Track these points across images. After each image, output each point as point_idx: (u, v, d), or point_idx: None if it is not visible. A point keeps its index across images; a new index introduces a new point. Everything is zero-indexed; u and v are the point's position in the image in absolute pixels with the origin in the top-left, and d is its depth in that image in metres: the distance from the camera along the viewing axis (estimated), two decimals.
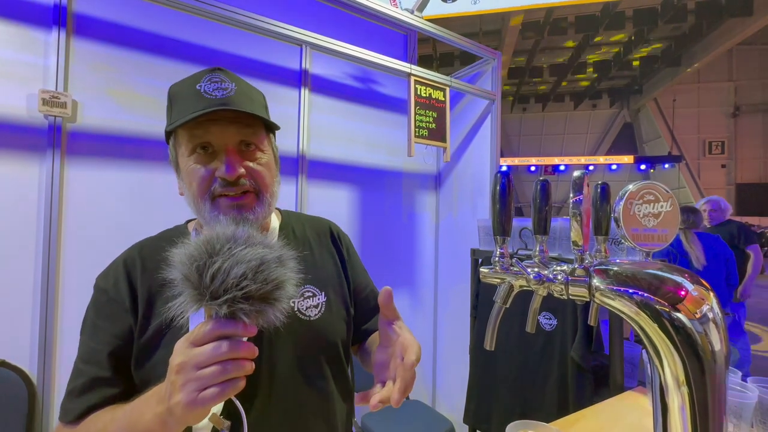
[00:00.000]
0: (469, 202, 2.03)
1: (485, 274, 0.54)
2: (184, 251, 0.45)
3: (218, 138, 0.60)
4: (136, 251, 0.66)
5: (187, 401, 0.41)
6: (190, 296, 0.43)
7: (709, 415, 0.36)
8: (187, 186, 0.62)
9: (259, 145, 0.64)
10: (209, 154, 0.61)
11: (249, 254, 0.44)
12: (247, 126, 0.62)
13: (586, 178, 0.47)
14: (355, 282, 0.79)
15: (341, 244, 0.80)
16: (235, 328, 0.43)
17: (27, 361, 1.15)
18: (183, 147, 0.62)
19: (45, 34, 1.20)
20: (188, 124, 0.59)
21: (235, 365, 0.42)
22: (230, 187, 0.60)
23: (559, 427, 0.76)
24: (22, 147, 1.17)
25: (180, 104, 0.61)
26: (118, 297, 0.60)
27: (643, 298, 0.38)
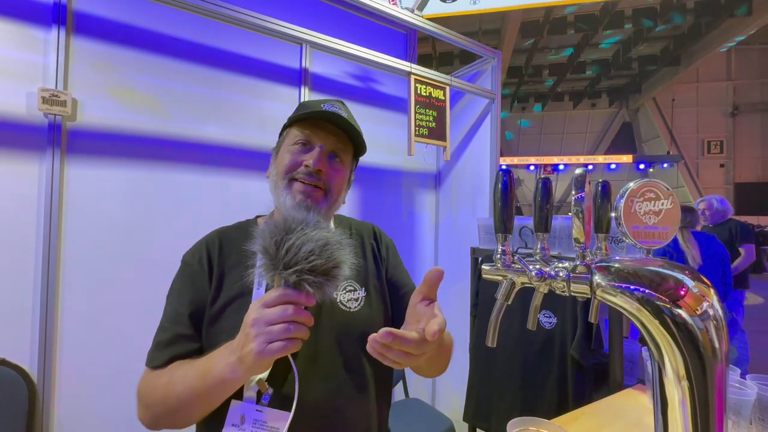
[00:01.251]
0: (468, 201, 2.03)
1: (487, 271, 0.54)
2: (266, 228, 0.55)
3: (319, 139, 0.74)
4: (216, 235, 0.78)
5: (258, 350, 0.51)
6: (267, 265, 0.54)
7: (709, 411, 0.36)
8: (278, 165, 0.75)
9: (344, 160, 0.78)
10: (306, 149, 0.74)
11: (317, 235, 0.54)
12: (342, 142, 0.77)
13: (588, 176, 0.47)
14: (393, 280, 0.84)
15: (380, 243, 0.88)
16: (299, 296, 0.53)
17: (27, 360, 1.15)
18: (289, 137, 0.76)
19: (45, 33, 1.20)
20: (302, 124, 0.75)
21: (297, 327, 0.53)
22: (309, 176, 0.72)
23: (559, 424, 0.77)
24: (22, 146, 1.16)
25: (303, 109, 0.77)
26: (200, 270, 0.72)
27: (645, 295, 0.38)
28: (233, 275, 0.72)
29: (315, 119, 0.75)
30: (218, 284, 0.71)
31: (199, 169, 1.45)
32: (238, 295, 0.69)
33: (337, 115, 0.73)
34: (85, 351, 1.23)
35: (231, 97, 1.53)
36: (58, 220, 1.20)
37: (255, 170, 1.57)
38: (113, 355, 1.26)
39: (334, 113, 0.73)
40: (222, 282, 0.72)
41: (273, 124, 1.63)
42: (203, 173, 1.46)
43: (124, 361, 1.27)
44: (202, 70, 1.47)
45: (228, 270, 0.73)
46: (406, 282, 0.87)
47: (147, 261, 1.32)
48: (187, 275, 0.73)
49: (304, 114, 0.73)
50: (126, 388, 1.28)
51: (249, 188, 1.55)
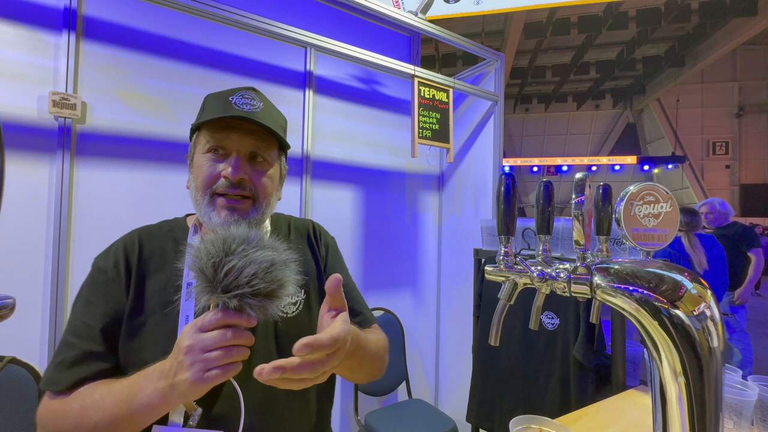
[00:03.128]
0: (471, 203, 2.04)
1: (490, 272, 0.55)
2: (202, 247, 0.50)
3: (233, 143, 0.67)
4: (136, 237, 0.70)
5: (194, 379, 0.47)
6: (203, 287, 0.49)
7: (706, 408, 0.37)
8: (194, 179, 0.68)
9: (267, 159, 0.70)
10: (221, 156, 0.67)
11: (260, 256, 0.50)
12: (261, 140, 0.69)
13: (588, 180, 0.49)
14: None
15: (319, 242, 0.83)
16: (240, 319, 0.49)
17: (37, 359, 1.17)
18: (201, 145, 0.68)
19: (55, 37, 1.22)
20: (211, 128, 0.66)
21: (238, 351, 0.49)
22: (232, 188, 0.65)
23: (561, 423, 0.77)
24: (33, 148, 1.19)
25: (209, 109, 0.69)
26: (115, 277, 0.64)
27: (643, 295, 0.39)
28: (155, 282, 0.65)
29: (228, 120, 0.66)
30: (137, 293, 0.64)
31: None
32: (161, 306, 0.63)
33: (249, 117, 0.64)
34: None
35: None
36: (68, 221, 1.22)
37: None
38: None
39: (244, 115, 0.64)
40: (142, 290, 0.64)
41: None
42: None
43: None
44: (209, 73, 1.49)
45: (149, 276, 0.66)
46: (347, 282, 0.81)
47: None
48: (100, 283, 0.64)
49: (210, 119, 0.64)
50: None
51: None
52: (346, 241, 1.85)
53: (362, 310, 0.81)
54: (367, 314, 0.81)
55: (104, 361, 0.60)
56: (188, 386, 0.47)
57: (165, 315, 0.62)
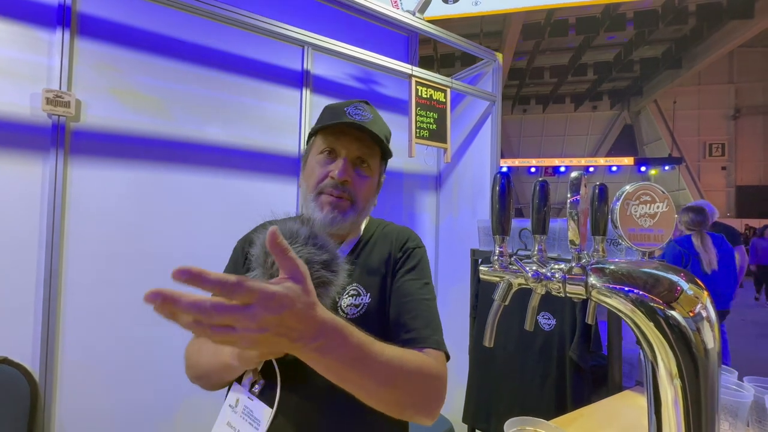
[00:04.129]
0: (469, 203, 2.04)
1: (484, 272, 0.55)
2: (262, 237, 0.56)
3: (343, 147, 0.75)
4: (261, 227, 0.81)
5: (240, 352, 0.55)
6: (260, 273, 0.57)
7: (701, 410, 0.36)
8: (306, 178, 0.78)
9: (371, 164, 0.79)
10: (331, 158, 0.76)
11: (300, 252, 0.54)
12: (367, 147, 0.77)
13: (584, 179, 0.48)
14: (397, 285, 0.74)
15: (401, 246, 0.80)
16: None
17: (29, 359, 1.16)
18: (315, 147, 0.78)
19: (49, 34, 1.21)
20: (325, 132, 0.76)
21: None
22: (335, 188, 0.73)
23: (557, 424, 0.77)
24: (26, 146, 1.17)
25: (327, 116, 0.79)
26: (240, 257, 0.80)
27: (639, 296, 0.39)
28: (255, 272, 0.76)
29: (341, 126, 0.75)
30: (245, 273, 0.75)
31: (201, 170, 1.46)
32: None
33: (359, 124, 0.73)
34: (87, 350, 1.24)
35: (233, 98, 1.54)
36: (61, 220, 1.21)
37: (257, 171, 1.58)
38: (115, 354, 1.26)
39: (354, 122, 0.73)
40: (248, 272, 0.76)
41: (275, 125, 1.64)
42: (205, 174, 1.47)
43: (126, 360, 1.27)
44: (205, 71, 1.48)
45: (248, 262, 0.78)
46: (413, 292, 0.73)
47: (149, 261, 1.33)
48: (233, 259, 0.82)
49: (326, 125, 0.75)
50: (128, 387, 1.29)
51: (251, 189, 1.56)
52: None
53: (418, 328, 0.68)
54: (423, 333, 0.68)
55: None
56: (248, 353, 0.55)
57: None
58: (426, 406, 0.61)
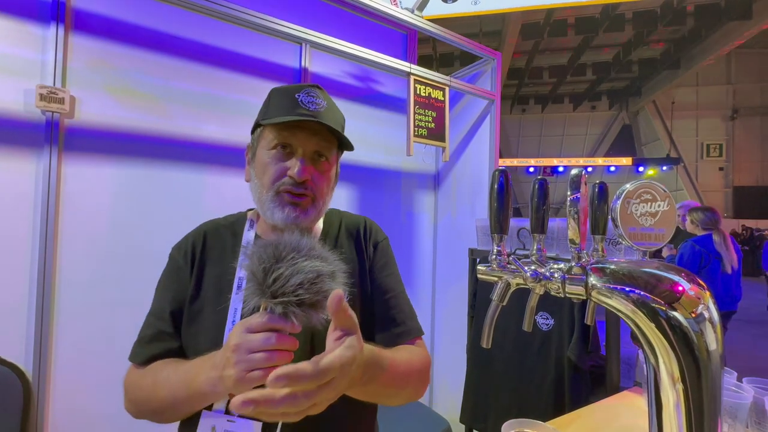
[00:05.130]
0: (467, 202, 2.03)
1: (482, 272, 0.54)
2: (256, 251, 0.52)
3: (300, 142, 0.70)
4: (203, 229, 0.78)
5: (237, 377, 0.49)
6: (253, 289, 0.51)
7: (704, 414, 0.36)
8: (259, 174, 0.72)
9: (329, 158, 0.74)
10: (287, 154, 0.70)
11: (308, 266, 0.51)
12: (325, 140, 0.72)
13: (584, 177, 0.47)
14: (378, 283, 0.78)
15: (368, 240, 0.82)
16: (285, 325, 0.50)
17: (22, 358, 1.15)
18: (267, 140, 0.71)
19: (43, 30, 1.19)
20: (279, 126, 0.69)
21: (281, 355, 0.50)
22: (296, 187, 0.69)
23: (556, 426, 0.76)
24: (19, 142, 1.16)
25: (276, 105, 0.72)
26: (183, 265, 0.72)
27: (640, 297, 0.38)
28: (212, 272, 0.72)
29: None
30: (197, 281, 0.71)
31: (196, 168, 1.44)
32: (216, 295, 0.69)
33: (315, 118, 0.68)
34: (80, 348, 1.22)
35: (230, 96, 1.53)
36: (55, 217, 1.19)
37: None
38: (109, 352, 1.25)
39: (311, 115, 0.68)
40: (201, 279, 0.71)
41: None
42: (201, 172, 1.45)
43: (120, 359, 1.25)
44: (201, 68, 1.47)
45: (208, 266, 0.72)
46: (393, 287, 0.80)
47: (143, 259, 1.31)
48: (173, 270, 0.73)
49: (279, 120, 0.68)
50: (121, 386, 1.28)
51: (246, 187, 1.54)
52: None
53: (404, 320, 0.77)
54: (410, 325, 0.78)
55: (174, 341, 0.68)
56: (232, 383, 0.50)
57: (218, 305, 0.67)
58: (422, 391, 0.72)
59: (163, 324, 0.68)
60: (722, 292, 2.71)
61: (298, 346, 0.52)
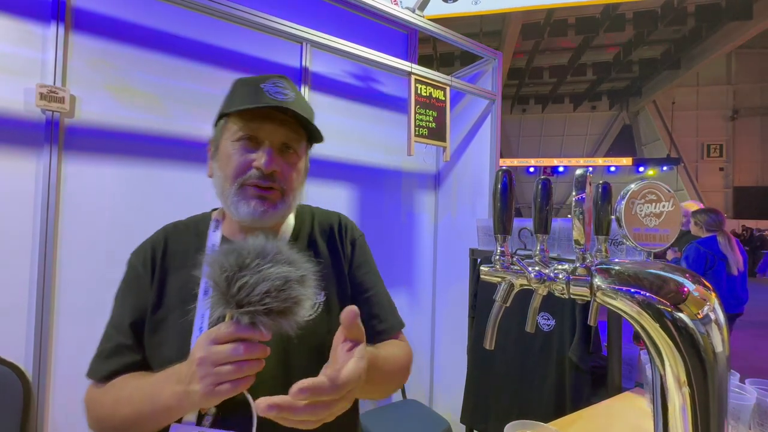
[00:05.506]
0: (468, 202, 2.03)
1: (485, 272, 0.53)
2: (218, 258, 0.49)
3: (268, 134, 0.65)
4: (162, 234, 0.73)
5: (204, 392, 0.47)
6: (217, 299, 0.48)
7: (710, 417, 0.35)
8: (222, 167, 0.67)
9: (297, 151, 0.70)
10: (253, 145, 0.66)
11: (274, 273, 0.48)
12: (293, 131, 0.68)
13: (589, 176, 0.47)
14: (357, 281, 0.77)
15: (345, 237, 0.79)
16: (253, 334, 0.47)
17: (22, 357, 1.14)
18: (231, 132, 0.66)
19: (44, 29, 1.19)
20: (245, 115, 0.65)
21: (250, 365, 0.48)
22: (263, 180, 0.64)
23: (557, 427, 0.76)
24: (19, 142, 1.16)
25: (241, 95, 0.67)
26: (143, 273, 0.67)
27: (645, 298, 0.38)
28: (176, 279, 0.67)
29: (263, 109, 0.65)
30: (159, 289, 0.66)
31: (197, 168, 1.44)
32: (181, 303, 0.64)
33: (283, 107, 0.63)
34: (80, 348, 1.22)
35: None
36: (55, 217, 1.19)
37: None
38: None
39: (279, 105, 0.63)
40: (164, 286, 0.66)
41: None
42: (202, 171, 1.44)
43: None
44: (201, 67, 1.46)
45: (171, 272, 0.67)
46: (373, 284, 0.78)
47: None
48: (132, 279, 0.68)
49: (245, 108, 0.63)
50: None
51: None
52: None
53: (387, 317, 0.77)
54: (392, 322, 0.77)
55: (135, 354, 0.64)
56: (200, 397, 0.48)
57: (183, 313, 0.62)
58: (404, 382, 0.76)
59: (123, 337, 0.64)
60: (728, 294, 2.70)
61: (269, 353, 0.49)
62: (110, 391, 0.61)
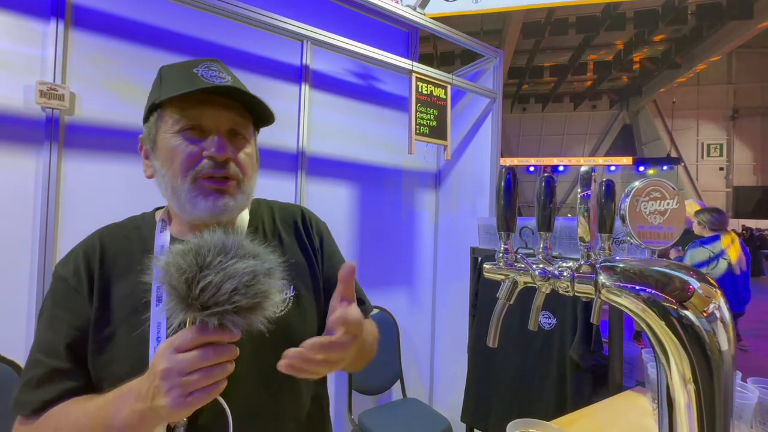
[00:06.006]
0: (468, 201, 2.02)
1: (489, 270, 0.53)
2: (172, 260, 0.44)
3: (212, 121, 0.59)
4: (97, 238, 0.64)
5: (173, 405, 0.43)
6: (176, 304, 0.44)
7: (716, 416, 0.35)
8: (166, 163, 0.59)
9: (246, 136, 0.64)
10: (198, 135, 0.59)
11: (240, 268, 0.44)
12: (240, 116, 0.63)
13: (594, 174, 0.47)
14: (329, 270, 0.74)
15: (312, 230, 0.76)
16: (222, 336, 0.44)
17: (22, 356, 1.14)
18: (169, 124, 0.59)
19: (43, 25, 1.19)
20: (182, 104, 0.58)
21: (221, 369, 0.44)
22: (217, 169, 0.59)
23: (559, 425, 0.76)
24: (19, 139, 1.15)
25: (173, 82, 0.59)
26: (78, 286, 0.58)
27: (651, 295, 0.37)
28: (120, 288, 0.59)
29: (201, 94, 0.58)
30: (102, 301, 0.58)
31: None
32: (129, 314, 0.57)
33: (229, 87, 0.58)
34: None
35: None
36: (55, 214, 1.18)
37: None
38: None
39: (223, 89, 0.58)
40: (107, 298, 0.58)
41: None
42: None
43: None
44: None
45: (114, 281, 0.59)
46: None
47: None
48: (62, 293, 0.58)
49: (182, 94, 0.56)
50: None
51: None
52: (341, 238, 1.82)
53: (363, 299, 0.80)
54: (367, 304, 0.80)
55: (72, 380, 0.55)
56: (168, 412, 0.43)
57: (133, 324, 0.56)
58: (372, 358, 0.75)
59: (57, 361, 0.55)
60: (730, 293, 2.72)
61: (238, 354, 0.46)
62: (49, 422, 0.53)
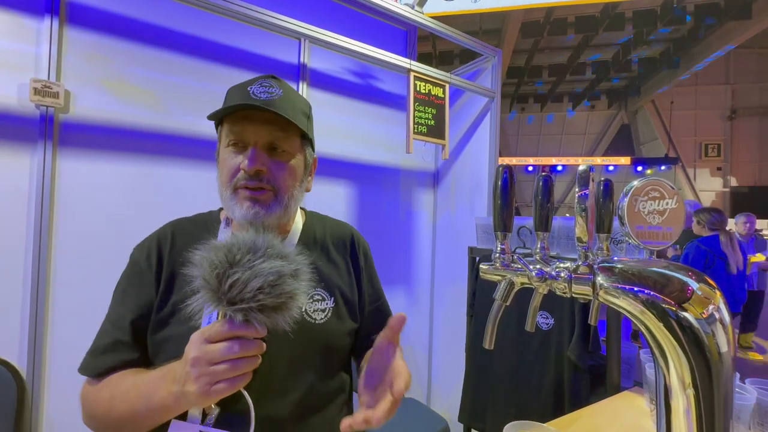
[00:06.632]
0: (467, 200, 2.02)
1: (485, 271, 0.52)
2: (207, 256, 0.48)
3: (250, 135, 0.65)
4: (170, 229, 0.72)
5: (200, 392, 0.47)
6: (208, 297, 0.48)
7: (715, 419, 0.35)
8: (219, 172, 0.69)
9: (287, 149, 0.68)
10: (240, 149, 0.66)
11: (267, 268, 0.47)
12: (280, 129, 0.66)
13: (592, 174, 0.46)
14: (368, 293, 0.81)
15: (359, 252, 0.82)
16: (247, 331, 0.48)
17: (16, 356, 1.13)
18: (223, 138, 0.69)
19: (37, 22, 1.17)
20: (230, 121, 0.66)
21: (246, 362, 0.48)
22: (250, 180, 0.64)
23: (556, 427, 0.75)
24: (13, 137, 1.14)
25: (228, 100, 0.68)
26: (147, 270, 0.66)
27: (649, 297, 0.37)
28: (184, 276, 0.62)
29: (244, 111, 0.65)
30: (167, 286, 0.65)
31: (193, 164, 1.43)
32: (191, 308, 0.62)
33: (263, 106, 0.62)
34: (75, 347, 1.20)
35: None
36: (50, 213, 1.17)
37: None
38: None
39: (259, 103, 0.63)
40: (172, 283, 0.66)
41: None
42: (197, 168, 1.44)
43: None
44: (198, 63, 1.45)
45: (179, 269, 0.65)
46: (379, 295, 0.84)
47: None
48: (134, 274, 0.68)
49: (225, 109, 0.64)
50: None
51: None
52: None
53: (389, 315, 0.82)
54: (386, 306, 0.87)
55: (132, 351, 0.63)
56: (196, 398, 0.48)
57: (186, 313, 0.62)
58: None
59: (121, 333, 0.63)
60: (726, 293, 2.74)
61: (265, 350, 0.50)
62: (106, 387, 0.60)
